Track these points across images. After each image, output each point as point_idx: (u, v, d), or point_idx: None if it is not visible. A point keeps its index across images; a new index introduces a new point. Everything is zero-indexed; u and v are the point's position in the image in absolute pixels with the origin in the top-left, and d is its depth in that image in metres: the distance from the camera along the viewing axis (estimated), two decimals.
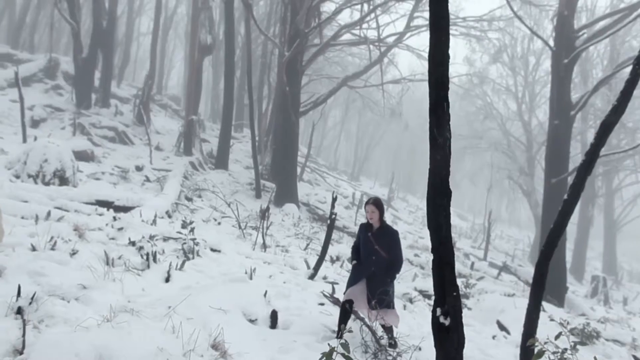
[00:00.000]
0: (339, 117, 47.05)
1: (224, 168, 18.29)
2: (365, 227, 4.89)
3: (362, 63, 25.70)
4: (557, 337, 3.58)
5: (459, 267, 12.72)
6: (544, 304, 8.40)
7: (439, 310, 2.65)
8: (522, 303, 6.59)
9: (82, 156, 11.84)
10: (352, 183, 32.80)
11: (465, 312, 8.10)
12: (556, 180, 11.57)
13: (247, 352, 4.10)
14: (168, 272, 5.47)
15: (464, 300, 8.79)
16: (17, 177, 7.58)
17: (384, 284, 4.67)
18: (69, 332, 3.47)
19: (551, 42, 12.25)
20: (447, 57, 2.93)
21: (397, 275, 5.04)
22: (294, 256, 9.50)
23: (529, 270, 13.58)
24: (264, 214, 10.39)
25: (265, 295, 5.38)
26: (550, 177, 11.77)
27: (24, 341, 3.31)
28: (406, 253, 13.96)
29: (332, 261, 10.43)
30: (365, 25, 17.58)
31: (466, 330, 6.39)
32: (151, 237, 6.68)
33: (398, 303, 7.48)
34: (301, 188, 18.66)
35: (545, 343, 3.22)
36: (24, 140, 11.62)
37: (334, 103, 40.56)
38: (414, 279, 10.68)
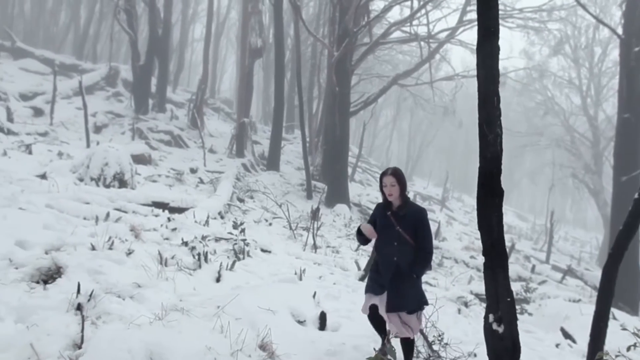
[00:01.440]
0: (390, 116, 46.49)
1: (275, 169, 18.50)
2: (383, 207, 3.82)
3: (413, 61, 25.22)
4: (629, 348, 3.27)
5: (518, 270, 12.14)
6: (615, 311, 7.80)
7: (491, 317, 2.48)
8: (589, 309, 6.13)
9: (140, 159, 12.38)
10: None
11: (525, 318, 7.70)
12: (626, 178, 10.79)
13: (295, 353, 4.06)
14: (219, 272, 5.55)
15: (524, 305, 8.35)
16: (81, 180, 8.04)
17: (410, 281, 3.65)
18: (122, 329, 3.58)
19: (619, 30, 11.43)
20: (497, 48, 2.75)
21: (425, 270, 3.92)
22: (344, 257, 9.41)
23: (597, 275, 12.72)
24: (314, 214, 10.38)
25: (314, 296, 5.33)
26: (620, 175, 10.99)
27: (82, 336, 3.45)
28: (462, 255, 13.56)
29: None
30: (415, 22, 17.19)
31: (526, 338, 6.07)
32: (203, 238, 6.84)
33: (452, 307, 7.23)
34: (352, 188, 18.54)
35: (617, 357, 2.94)
36: (88, 145, 12.31)
37: (385, 102, 40.09)
38: (469, 281, 10.28)
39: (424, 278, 9.65)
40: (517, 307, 7.92)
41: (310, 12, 30.43)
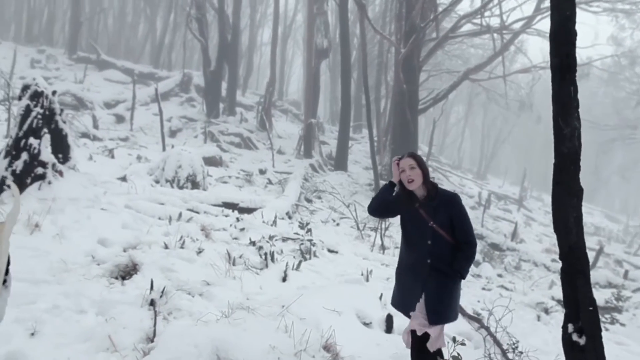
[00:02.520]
0: (462, 112, 44.86)
1: (343, 169, 18.47)
2: (407, 198, 3.03)
3: (485, 54, 24.14)
4: None
5: (609, 275, 11.13)
6: None
7: (570, 327, 2.24)
8: None
9: (211, 161, 12.89)
10: (478, 182, 30.92)
11: (616, 329, 7.04)
12: None
13: (360, 355, 3.98)
14: (285, 272, 5.59)
15: (615, 315, 7.63)
16: (157, 182, 8.51)
17: (448, 287, 2.95)
18: (191, 324, 3.70)
19: None
20: (574, 34, 2.50)
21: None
22: None
23: None
24: None
25: (381, 298, 5.23)
26: None
27: (154, 330, 3.61)
28: (542, 258, 12.69)
29: None
30: (487, 13, 16.40)
31: (618, 350, 5.53)
32: (270, 238, 6.94)
33: (530, 313, 6.77)
34: None
35: None
36: (163, 149, 13.03)
37: (456, 98, 38.76)
38: (550, 286, 9.59)
39: (499, 281, 9.16)
40: (607, 316, 7.30)
41: (376, 10, 30.12)
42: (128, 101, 17.99)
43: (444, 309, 2.96)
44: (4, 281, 1.04)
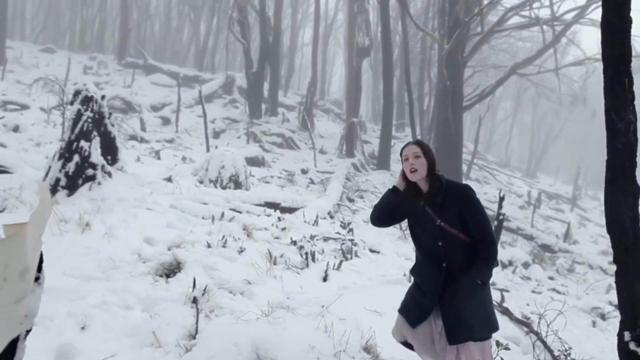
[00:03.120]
0: (509, 108, 43.37)
1: (386, 168, 18.27)
2: (411, 194, 2.67)
3: (534, 47, 23.22)
4: None
5: None
6: None
7: (627, 335, 2.08)
8: None
9: (254, 162, 13.07)
10: (527, 180, 29.80)
11: None
12: None
13: (401, 358, 3.89)
14: (326, 272, 5.57)
15: None
16: (201, 182, 8.71)
17: (471, 294, 2.50)
18: (231, 322, 3.74)
19: None
20: (628, 21, 2.31)
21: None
22: None
23: None
24: None
25: None
26: None
27: (196, 328, 3.67)
28: (597, 260, 12.03)
29: (503, 266, 9.50)
30: (536, 4, 15.73)
31: None
32: (311, 237, 6.94)
33: (585, 318, 6.42)
34: None
35: None
36: (207, 150, 13.32)
37: (503, 94, 37.52)
38: (608, 290, 9.07)
39: (550, 284, 8.75)
40: None
41: (418, 6, 29.61)
42: (173, 104, 18.57)
43: (464, 324, 2.46)
44: (37, 278, 1.06)
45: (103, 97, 5.78)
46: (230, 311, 4.01)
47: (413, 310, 2.69)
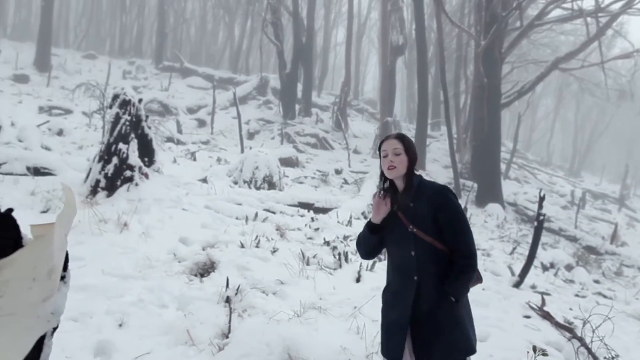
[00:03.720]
0: (551, 105, 41.90)
1: (421, 168, 17.98)
2: (384, 198, 2.34)
3: (577, 40, 22.27)
4: None
5: None
6: None
7: None
8: None
9: (287, 162, 13.14)
10: (570, 179, 28.69)
11: None
12: None
13: None
14: (359, 273, 5.51)
15: None
16: (235, 183, 8.83)
17: (447, 312, 2.19)
18: (263, 322, 3.75)
19: None
20: None
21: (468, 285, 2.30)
22: (496, 261, 8.67)
23: None
24: None
25: None
26: None
27: (229, 327, 3.70)
28: None
29: (545, 268, 9.17)
30: None
31: None
32: (345, 238, 6.89)
33: (634, 325, 6.08)
34: (507, 186, 17.11)
35: None
36: (242, 151, 13.50)
37: (544, 90, 36.32)
38: None
39: (595, 287, 8.35)
40: None
41: (454, 2, 29.04)
42: (209, 106, 18.91)
43: (433, 346, 2.16)
44: (63, 277, 1.08)
45: (140, 100, 5.93)
46: (263, 311, 4.03)
47: (390, 345, 2.26)
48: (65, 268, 1.09)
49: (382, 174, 2.37)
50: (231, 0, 34.94)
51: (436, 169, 19.01)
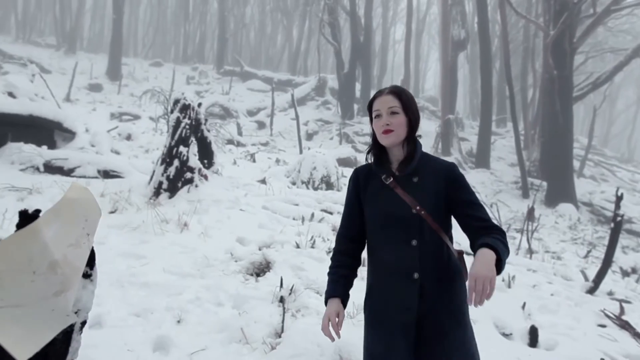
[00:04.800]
0: (632, 96, 38.75)
1: (485, 167, 17.33)
2: (368, 172, 1.85)
3: None
4: None
5: None
6: None
7: None
8: None
9: (345, 162, 13.09)
10: None
11: None
12: None
13: None
14: None
15: None
16: (293, 183, 8.91)
17: (457, 321, 1.76)
18: (316, 323, 3.72)
19: None
20: None
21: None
22: (568, 264, 8.13)
23: None
24: (529, 214, 9.28)
25: (524, 307, 4.71)
26: None
27: (282, 326, 3.72)
28: None
29: (625, 274, 8.47)
30: None
31: None
32: None
33: None
34: (581, 185, 16.04)
35: None
36: (300, 152, 13.64)
37: (625, 81, 33.72)
38: None
39: None
40: None
41: None
42: (268, 108, 19.30)
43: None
44: (89, 275, 1.09)
45: (199, 104, 6.14)
46: (316, 311, 4.01)
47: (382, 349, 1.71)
48: (91, 266, 1.11)
49: (372, 143, 1.83)
50: (289, 3, 35.51)
51: (502, 167, 18.21)
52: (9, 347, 0.91)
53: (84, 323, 1.07)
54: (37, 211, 0.98)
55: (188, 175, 5.76)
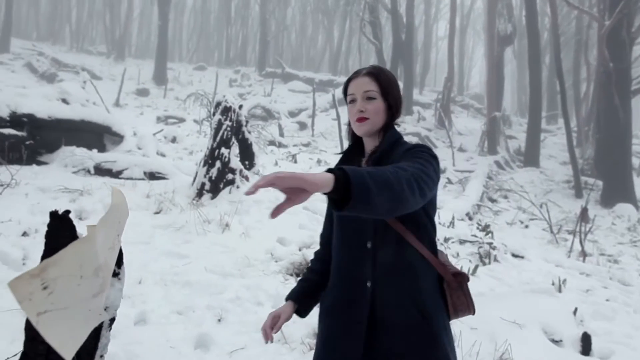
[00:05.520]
0: None
1: (535, 165, 16.67)
2: (346, 161, 1.59)
3: None
4: None
5: None
6: None
7: None
8: None
9: None
10: None
11: None
12: None
13: None
14: None
15: None
16: None
17: (426, 340, 1.39)
18: None
19: None
20: None
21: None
22: (626, 268, 7.66)
23: None
24: (582, 215, 8.82)
25: (575, 312, 4.46)
26: None
27: None
28: None
29: None
30: None
31: None
32: (446, 240, 6.59)
33: None
34: None
35: None
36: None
37: None
38: None
39: None
40: None
41: None
42: (309, 109, 19.34)
43: None
44: (118, 274, 1.11)
45: (240, 106, 6.23)
46: None
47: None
48: (119, 265, 1.13)
49: (349, 131, 1.62)
50: (330, 3, 35.55)
51: (553, 165, 17.45)
52: (57, 346, 0.97)
53: (112, 320, 1.09)
54: (67, 212, 1.00)
55: (229, 176, 5.85)
